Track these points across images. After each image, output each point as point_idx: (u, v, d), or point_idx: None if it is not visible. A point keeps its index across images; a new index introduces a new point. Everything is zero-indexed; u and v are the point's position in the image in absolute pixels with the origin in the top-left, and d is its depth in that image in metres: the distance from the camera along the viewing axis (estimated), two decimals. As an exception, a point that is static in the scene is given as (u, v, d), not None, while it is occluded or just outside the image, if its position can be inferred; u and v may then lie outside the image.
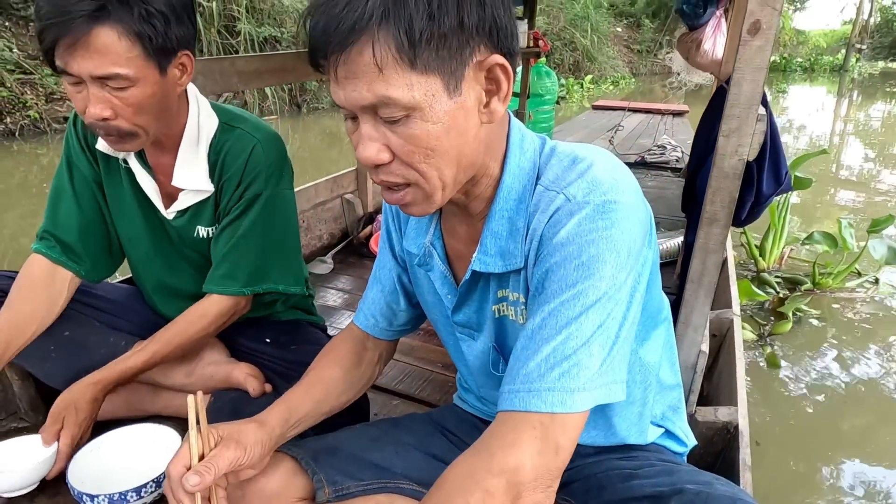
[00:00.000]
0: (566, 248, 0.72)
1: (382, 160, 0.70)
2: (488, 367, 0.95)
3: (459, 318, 0.93)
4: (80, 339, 1.34)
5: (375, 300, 1.06)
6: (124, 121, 1.08)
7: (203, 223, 1.31)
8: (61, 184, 1.28)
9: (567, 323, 0.70)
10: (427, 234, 0.91)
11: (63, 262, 1.26)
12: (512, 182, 0.79)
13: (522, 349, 0.72)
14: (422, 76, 0.64)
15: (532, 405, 0.69)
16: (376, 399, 1.56)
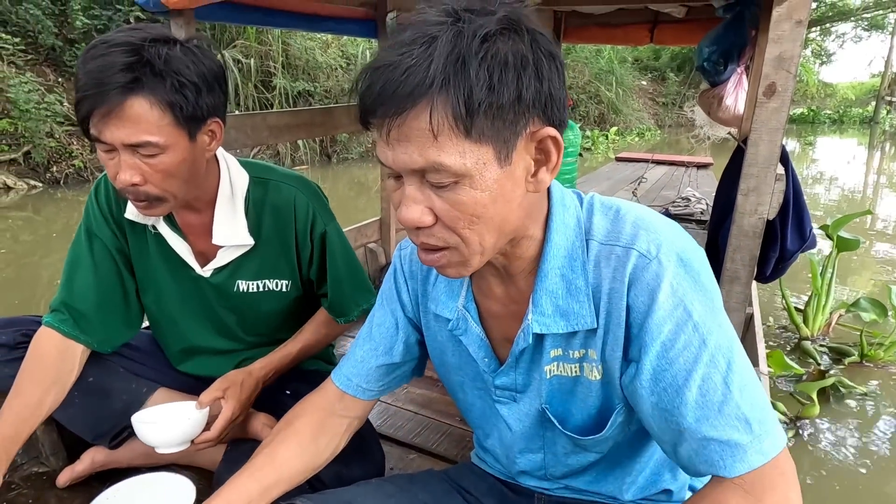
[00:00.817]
0: (674, 316, 0.72)
1: (425, 223, 0.70)
2: (537, 428, 0.92)
3: (503, 380, 0.90)
4: (105, 386, 1.36)
5: (365, 360, 1.01)
6: (153, 186, 1.11)
7: (244, 277, 1.33)
8: (79, 253, 1.30)
9: (727, 380, 0.71)
10: (459, 297, 0.90)
11: (75, 336, 1.27)
12: (559, 239, 0.79)
13: (699, 421, 0.72)
14: (475, 145, 0.65)
15: (755, 461, 0.71)
16: (392, 452, 1.54)
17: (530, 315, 0.81)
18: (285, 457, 0.95)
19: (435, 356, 1.01)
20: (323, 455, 1.01)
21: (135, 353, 1.46)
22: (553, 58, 0.69)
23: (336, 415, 1.02)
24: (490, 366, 0.90)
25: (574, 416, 0.87)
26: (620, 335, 0.77)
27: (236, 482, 0.91)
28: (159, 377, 1.44)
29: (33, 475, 1.44)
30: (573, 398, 0.86)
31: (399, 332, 1.00)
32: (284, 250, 1.34)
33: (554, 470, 0.95)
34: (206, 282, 1.33)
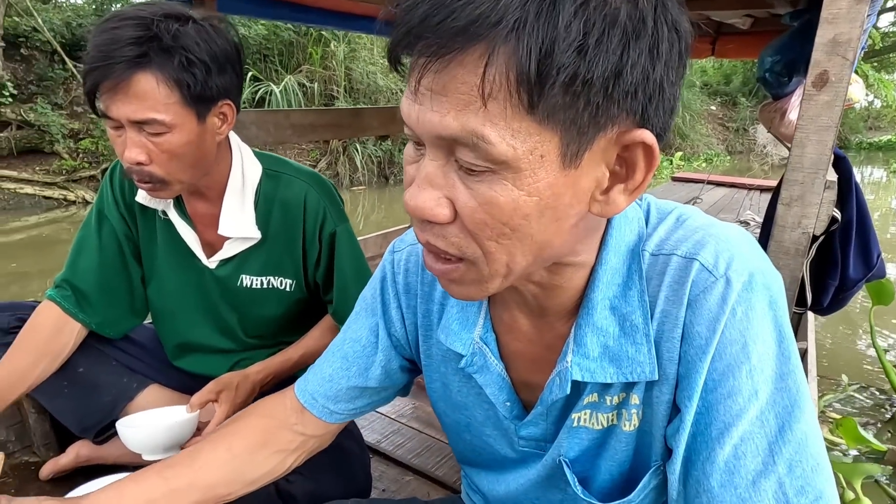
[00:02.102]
0: (728, 352, 0.56)
1: (438, 217, 0.52)
2: (548, 485, 0.76)
3: (530, 431, 0.73)
4: (93, 378, 1.33)
5: (333, 378, 0.84)
6: (158, 167, 1.08)
7: (249, 272, 1.29)
8: (87, 234, 1.30)
9: (773, 446, 0.55)
10: (475, 327, 0.71)
11: (74, 313, 1.26)
12: (616, 262, 0.61)
13: (724, 487, 0.56)
14: (537, 126, 0.47)
15: None
16: (387, 473, 1.43)
17: (570, 357, 0.62)
18: (207, 461, 0.80)
19: (434, 390, 0.84)
20: (258, 470, 0.83)
21: (131, 347, 1.43)
22: (679, 36, 0.50)
23: (288, 428, 0.85)
24: (513, 411, 0.73)
25: (599, 475, 0.71)
26: (672, 373, 0.60)
27: (141, 476, 0.77)
28: (153, 374, 1.40)
29: (22, 464, 1.43)
30: (602, 453, 0.70)
31: (378, 353, 0.82)
32: (291, 248, 1.28)
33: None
34: (210, 274, 1.29)
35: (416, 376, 0.90)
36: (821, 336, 3.68)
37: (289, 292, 1.31)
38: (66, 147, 7.56)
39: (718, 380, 0.57)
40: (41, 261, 5.57)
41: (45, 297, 1.27)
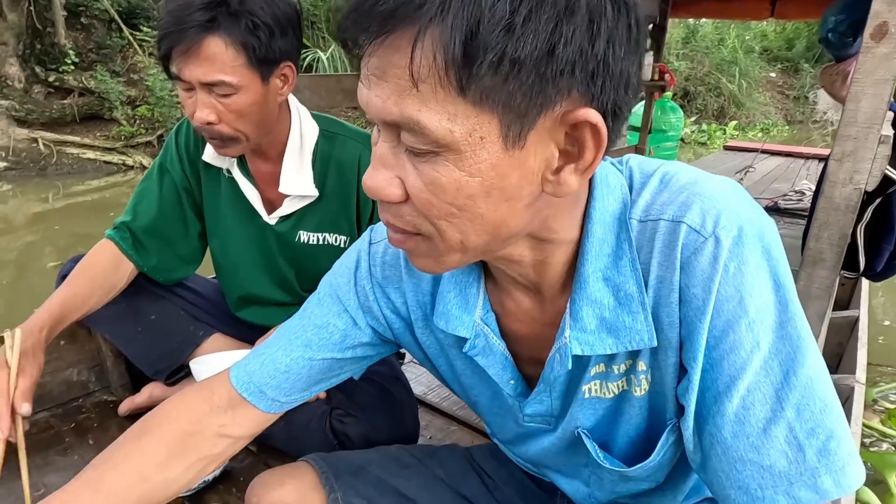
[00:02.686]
0: (726, 308, 0.56)
1: (391, 197, 0.53)
2: (575, 455, 0.78)
3: (535, 409, 0.74)
4: (164, 326, 1.44)
5: (292, 368, 0.78)
6: (226, 126, 1.15)
7: (306, 228, 1.35)
8: (148, 185, 1.39)
9: (780, 393, 0.56)
10: (475, 309, 0.70)
11: (130, 254, 1.35)
12: (603, 233, 0.61)
13: (737, 437, 0.57)
14: (472, 108, 0.47)
15: (803, 498, 0.55)
16: (434, 423, 1.51)
17: (567, 332, 0.63)
18: (113, 489, 0.71)
19: (443, 373, 0.84)
20: (175, 486, 0.76)
21: (197, 299, 1.54)
22: (623, 9, 0.48)
23: (213, 432, 0.77)
24: (516, 389, 0.74)
25: (617, 440, 0.73)
26: (674, 336, 0.61)
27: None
28: (217, 323, 1.50)
29: (101, 402, 1.56)
30: (617, 420, 0.71)
31: (359, 329, 0.79)
32: (346, 207, 1.34)
33: (599, 496, 0.83)
34: (270, 230, 1.36)
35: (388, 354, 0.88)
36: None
37: (343, 248, 1.37)
38: (123, 114, 7.84)
39: (719, 336, 0.57)
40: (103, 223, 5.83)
41: (104, 236, 1.37)
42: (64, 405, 1.53)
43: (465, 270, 0.71)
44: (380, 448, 1.04)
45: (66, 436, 1.42)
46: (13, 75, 7.36)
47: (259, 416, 0.80)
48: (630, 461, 0.72)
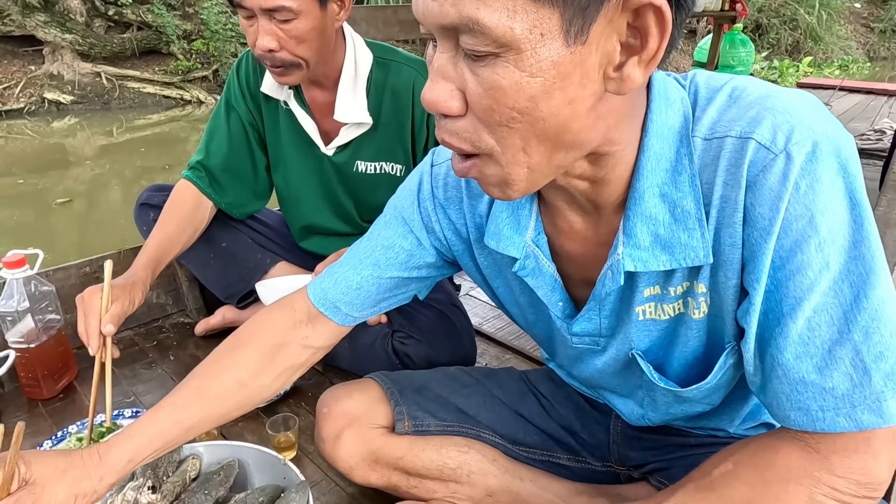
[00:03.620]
0: (794, 227, 0.54)
1: (451, 109, 0.53)
2: (628, 376, 0.80)
3: (581, 327, 0.75)
4: (234, 253, 1.51)
5: (362, 285, 0.84)
6: (287, 52, 1.18)
7: (363, 158, 1.38)
8: (217, 122, 1.43)
9: (848, 315, 0.55)
10: (527, 230, 0.71)
11: (208, 193, 1.41)
12: (661, 147, 0.59)
13: (799, 359, 0.57)
14: (533, 3, 0.46)
15: (865, 421, 0.56)
16: (488, 351, 1.56)
17: (621, 248, 0.62)
18: (217, 395, 0.81)
19: (501, 294, 0.86)
20: (267, 391, 0.86)
21: (263, 228, 1.60)
22: None
23: (297, 343, 0.86)
24: (565, 311, 0.75)
25: (673, 362, 0.73)
26: (736, 258, 0.59)
27: (153, 420, 0.77)
28: (282, 252, 1.57)
29: (179, 324, 1.68)
30: (673, 342, 0.71)
31: (423, 249, 0.84)
32: (401, 134, 1.35)
33: (653, 416, 0.86)
34: (328, 161, 1.40)
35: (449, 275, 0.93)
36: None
37: (399, 177, 1.39)
38: (180, 48, 7.94)
39: (786, 257, 0.55)
40: (164, 157, 6.06)
41: (181, 177, 1.43)
42: (146, 325, 1.66)
43: None
44: (440, 369, 1.10)
45: (150, 352, 1.55)
46: (75, 8, 7.51)
47: (335, 328, 0.88)
48: (685, 383, 0.73)
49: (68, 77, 7.45)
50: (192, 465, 1.02)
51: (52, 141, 6.54)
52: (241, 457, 1.04)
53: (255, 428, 1.20)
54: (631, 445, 0.96)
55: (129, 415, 1.23)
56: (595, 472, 1.00)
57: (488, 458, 0.97)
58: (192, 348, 1.57)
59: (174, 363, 1.50)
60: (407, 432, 0.98)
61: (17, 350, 1.28)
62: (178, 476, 1.00)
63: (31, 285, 1.28)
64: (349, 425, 0.97)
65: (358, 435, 0.97)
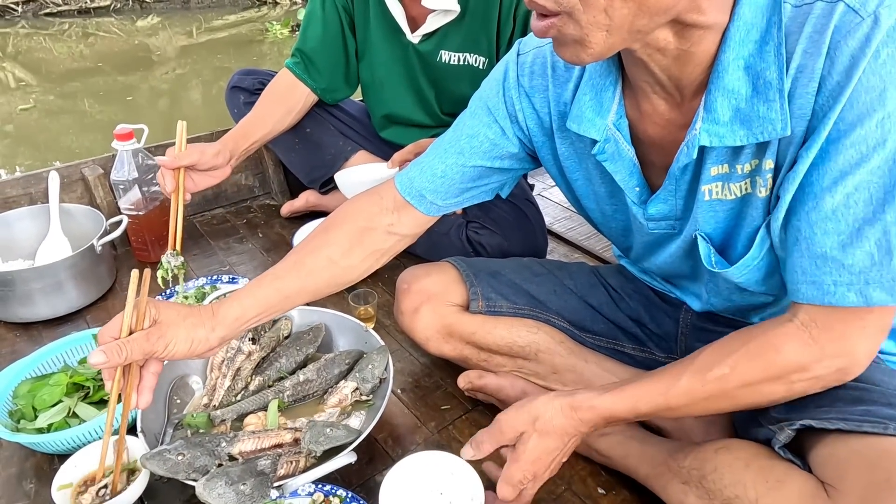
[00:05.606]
0: (862, 99, 0.53)
1: None
2: (695, 258, 0.79)
3: (659, 209, 0.76)
4: (317, 138, 1.57)
5: (447, 174, 0.87)
6: None
7: (448, 48, 1.37)
8: (314, 7, 1.45)
9: (889, 195, 0.55)
10: (609, 113, 0.71)
11: (304, 78, 1.46)
12: (753, 15, 0.57)
13: (829, 234, 0.58)
14: None
15: (875, 298, 0.57)
16: (558, 248, 1.58)
17: (699, 124, 0.62)
18: (311, 269, 0.87)
19: (579, 186, 0.88)
20: (356, 272, 0.91)
21: (346, 117, 1.64)
22: None
23: (383, 230, 0.90)
24: (641, 196, 0.76)
25: (738, 245, 0.73)
26: (802, 130, 0.58)
27: (258, 286, 0.84)
28: (363, 141, 1.61)
29: (265, 206, 1.79)
30: (740, 224, 0.71)
31: (507, 139, 0.86)
32: (487, 25, 1.33)
33: (716, 303, 0.87)
34: (413, 49, 1.40)
35: (530, 170, 0.95)
36: None
37: (482, 70, 1.38)
38: (256, -54, 7.83)
39: (845, 130, 0.54)
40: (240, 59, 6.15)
41: (284, 66, 1.48)
42: (236, 204, 1.78)
43: (603, 73, 0.72)
44: (513, 258, 1.14)
45: (241, 229, 1.67)
46: None
47: (420, 217, 0.91)
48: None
49: (149, -26, 7.55)
50: (285, 325, 1.14)
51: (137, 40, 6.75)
52: (327, 321, 1.15)
53: (338, 300, 1.30)
54: (699, 338, 0.98)
55: (227, 280, 1.35)
56: (658, 363, 1.03)
57: (556, 339, 1.02)
58: (277, 227, 1.68)
59: (262, 239, 1.62)
60: (480, 311, 1.03)
61: (128, 216, 1.41)
62: (273, 332, 1.12)
63: (138, 157, 1.39)
64: (427, 301, 1.03)
65: (435, 310, 1.03)
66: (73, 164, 1.51)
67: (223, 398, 1.01)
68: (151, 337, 0.73)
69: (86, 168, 1.50)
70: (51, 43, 6.52)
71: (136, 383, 0.76)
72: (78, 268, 1.28)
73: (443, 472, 0.81)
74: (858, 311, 0.60)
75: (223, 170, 1.29)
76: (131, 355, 0.71)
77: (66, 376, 1.01)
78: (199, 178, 1.26)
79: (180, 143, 1.21)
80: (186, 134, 1.22)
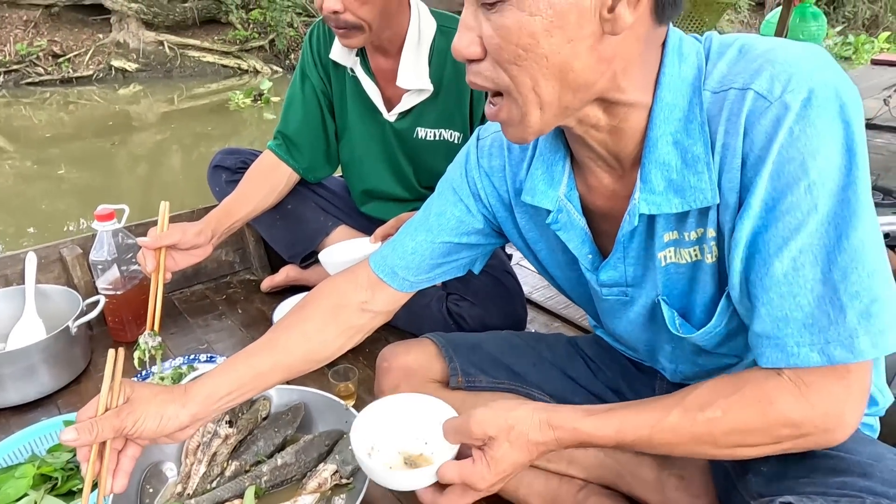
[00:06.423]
0: (786, 170, 0.58)
1: (472, 55, 0.62)
2: (656, 323, 0.82)
3: (609, 275, 0.80)
4: (299, 213, 1.60)
5: (417, 250, 0.90)
6: (351, 14, 1.23)
7: (424, 125, 1.43)
8: (294, 91, 1.51)
9: (830, 255, 0.58)
10: (560, 185, 0.77)
11: (286, 159, 1.50)
12: (673, 98, 0.64)
13: (785, 297, 0.60)
14: None
15: (838, 357, 0.59)
16: (538, 318, 1.60)
17: (637, 194, 0.68)
18: (285, 346, 0.89)
19: (543, 258, 0.92)
20: (329, 348, 0.92)
21: (326, 193, 1.68)
22: None
23: (357, 306, 0.92)
24: (594, 263, 0.80)
25: (696, 310, 0.76)
26: (734, 201, 0.63)
27: (231, 364, 0.86)
28: (343, 216, 1.64)
29: (245, 281, 1.79)
30: (694, 288, 0.74)
31: (472, 216, 0.90)
32: (460, 102, 1.39)
33: (685, 370, 0.89)
34: (390, 127, 1.45)
35: (493, 250, 0.98)
36: None
37: (457, 144, 1.44)
38: (238, 18, 8.12)
39: (777, 198, 0.59)
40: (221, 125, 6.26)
41: (266, 148, 1.52)
42: (216, 280, 1.78)
43: (553, 149, 0.78)
44: (492, 332, 1.15)
45: (220, 305, 1.66)
46: (141, -22, 7.75)
47: (393, 293, 0.93)
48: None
49: (133, 45, 7.74)
50: (263, 405, 1.12)
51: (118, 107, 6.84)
52: (306, 400, 1.14)
53: (317, 377, 1.29)
54: (675, 406, 0.99)
55: (204, 359, 1.34)
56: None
57: (536, 413, 1.02)
58: (257, 303, 1.67)
59: (242, 315, 1.61)
60: (460, 387, 1.03)
61: (106, 296, 1.40)
62: (251, 414, 1.10)
63: (118, 237, 1.40)
64: (407, 378, 1.03)
65: (414, 388, 1.02)
66: (52, 245, 1.51)
67: (198, 485, 0.99)
68: (121, 413, 0.75)
69: (64, 248, 1.50)
70: (31, 111, 6.57)
71: (113, 467, 0.76)
72: (51, 351, 1.26)
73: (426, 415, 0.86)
74: (838, 370, 0.61)
75: (205, 248, 1.31)
76: (102, 433, 0.73)
77: (34, 467, 0.98)
78: (180, 257, 1.27)
79: (162, 223, 1.22)
80: (169, 213, 1.24)
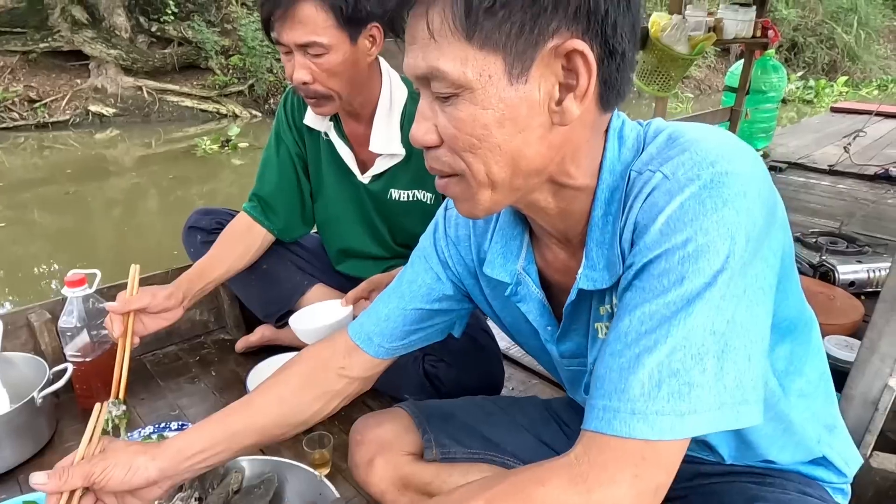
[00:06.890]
0: (668, 237, 0.59)
1: (428, 142, 0.64)
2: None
3: (566, 347, 0.82)
4: (274, 273, 1.59)
5: (391, 317, 0.92)
6: (320, 84, 1.26)
7: (397, 186, 1.45)
8: (269, 154, 1.53)
9: (671, 329, 0.58)
10: (518, 259, 0.80)
11: (261, 220, 1.51)
12: (612, 179, 0.67)
13: (615, 355, 0.61)
14: (479, 52, 0.57)
15: (636, 430, 0.58)
16: (516, 375, 1.60)
17: (581, 270, 0.70)
18: (259, 407, 0.90)
19: (511, 326, 0.94)
20: (305, 412, 0.93)
21: (303, 252, 1.68)
22: None
23: (335, 372, 0.94)
24: (553, 334, 0.82)
25: None
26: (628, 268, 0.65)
27: (205, 422, 0.88)
28: (319, 275, 1.64)
29: (220, 341, 1.77)
30: None
31: (441, 283, 0.92)
32: None
33: None
34: (364, 188, 1.48)
35: (468, 313, 0.99)
36: None
37: (431, 205, 1.46)
38: (218, 63, 8.20)
39: (654, 262, 0.59)
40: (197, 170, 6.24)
41: (242, 209, 1.53)
42: (189, 341, 1.75)
43: (511, 224, 0.81)
44: (466, 398, 1.15)
45: (193, 367, 1.63)
46: (120, 25, 7.82)
47: (369, 360, 0.94)
48: None
49: (111, 90, 7.75)
50: (234, 478, 1.09)
51: (94, 152, 6.80)
52: (279, 472, 1.11)
53: (292, 444, 1.26)
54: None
55: (175, 427, 1.30)
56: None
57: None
58: (232, 364, 1.65)
59: (215, 378, 1.58)
60: (435, 459, 1.02)
61: (74, 363, 1.37)
62: (222, 488, 1.07)
63: (89, 302, 1.37)
64: (380, 452, 1.02)
65: (389, 461, 1.01)
66: (20, 310, 1.47)
67: (166, 568, 0.95)
68: (93, 460, 0.79)
69: (32, 314, 1.47)
70: (4, 156, 6.50)
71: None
72: (14, 423, 1.22)
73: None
74: (633, 447, 0.58)
75: (175, 311, 1.29)
76: (71, 479, 0.76)
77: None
78: (149, 321, 1.25)
79: (132, 286, 1.21)
80: (140, 275, 1.23)
